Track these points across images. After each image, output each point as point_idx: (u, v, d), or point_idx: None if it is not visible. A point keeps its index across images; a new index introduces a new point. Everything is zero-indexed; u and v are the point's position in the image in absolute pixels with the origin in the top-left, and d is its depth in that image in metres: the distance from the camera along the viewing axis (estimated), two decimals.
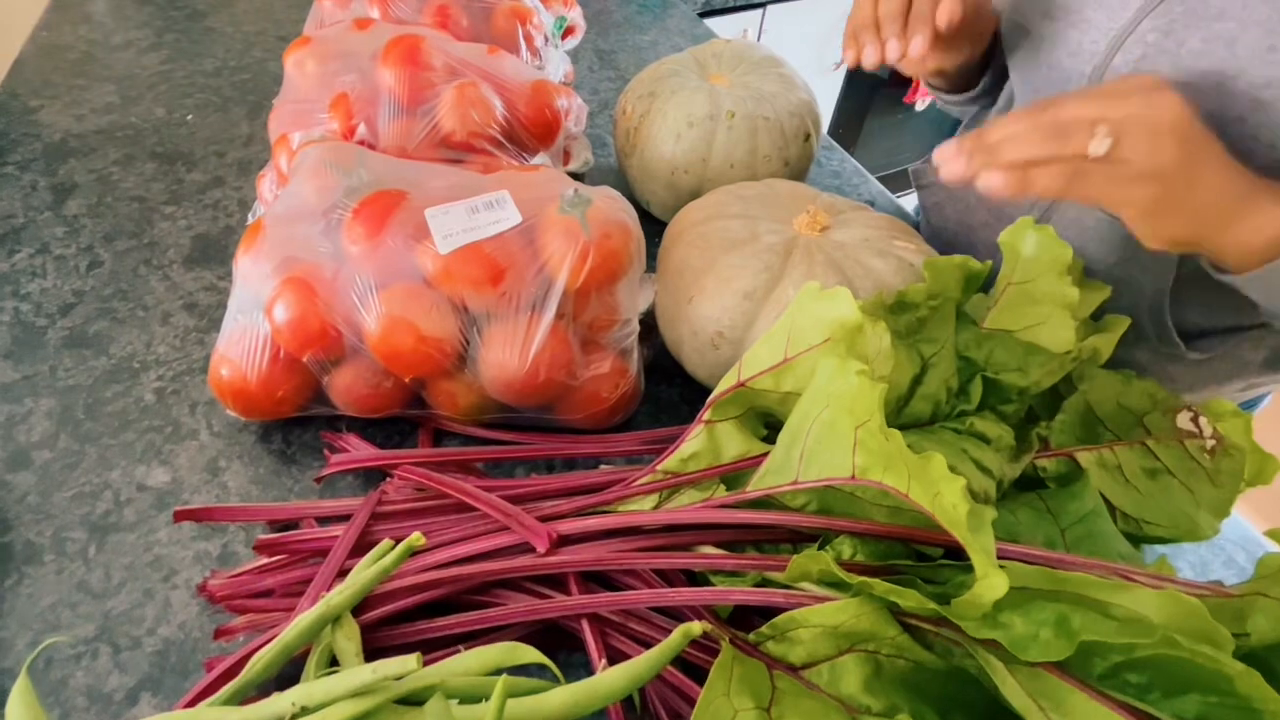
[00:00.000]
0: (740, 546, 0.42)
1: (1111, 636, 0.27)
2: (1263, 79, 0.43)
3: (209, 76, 0.90)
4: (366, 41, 0.60)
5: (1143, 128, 0.38)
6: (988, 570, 0.28)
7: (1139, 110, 0.38)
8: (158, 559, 0.46)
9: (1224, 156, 0.40)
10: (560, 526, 0.41)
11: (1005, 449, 0.43)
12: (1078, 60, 0.51)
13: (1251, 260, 0.42)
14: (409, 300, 0.47)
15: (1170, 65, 0.47)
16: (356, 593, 0.37)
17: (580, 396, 0.51)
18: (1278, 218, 0.40)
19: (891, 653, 0.33)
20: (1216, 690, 0.26)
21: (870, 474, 0.33)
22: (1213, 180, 0.40)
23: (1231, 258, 0.42)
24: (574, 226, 0.47)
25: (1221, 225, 0.41)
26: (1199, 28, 0.45)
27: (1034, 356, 0.44)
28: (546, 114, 0.62)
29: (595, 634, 0.39)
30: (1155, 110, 0.38)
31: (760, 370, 0.40)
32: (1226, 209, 0.40)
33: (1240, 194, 0.40)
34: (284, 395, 0.50)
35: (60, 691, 0.41)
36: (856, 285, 0.49)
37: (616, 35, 1.07)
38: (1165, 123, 0.38)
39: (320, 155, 0.52)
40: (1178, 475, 0.45)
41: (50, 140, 0.78)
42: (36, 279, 0.64)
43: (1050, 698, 0.28)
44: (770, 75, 0.68)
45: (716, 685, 0.31)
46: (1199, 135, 0.39)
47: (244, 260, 0.49)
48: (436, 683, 0.32)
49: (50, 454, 0.51)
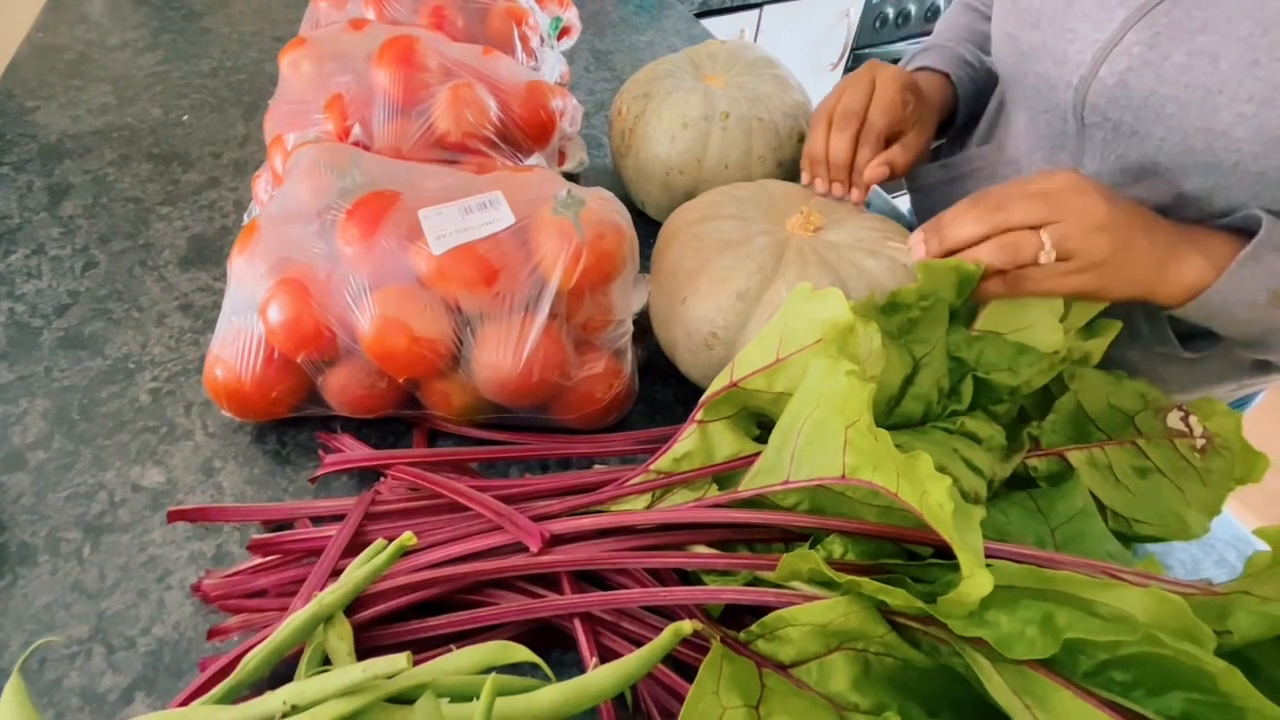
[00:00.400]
0: (732, 546, 0.42)
1: (1096, 634, 0.27)
2: (1246, 93, 0.44)
3: (205, 77, 0.90)
4: (362, 42, 0.60)
5: (1078, 225, 0.43)
6: (973, 569, 0.29)
7: (1074, 210, 0.43)
8: (152, 559, 0.46)
9: (1149, 223, 0.45)
10: (553, 526, 0.42)
11: (996, 449, 0.44)
12: (1064, 70, 0.52)
13: (1180, 298, 0.47)
14: (403, 301, 0.47)
15: (1154, 78, 0.47)
16: (349, 592, 0.37)
17: (574, 397, 0.51)
18: (1194, 266, 0.46)
19: (880, 651, 0.33)
20: (1199, 687, 0.26)
21: (860, 473, 0.34)
22: (1142, 251, 0.45)
23: (1165, 301, 0.47)
24: (567, 227, 0.48)
25: (1153, 283, 0.46)
26: (1183, 41, 0.46)
27: (1024, 356, 0.44)
28: (541, 115, 0.62)
29: (588, 633, 0.39)
30: (1088, 210, 0.43)
31: (753, 370, 0.40)
32: (1155, 270, 0.46)
33: (1165, 253, 0.46)
34: (279, 396, 0.50)
35: (54, 692, 0.41)
36: (850, 286, 0.49)
37: (613, 36, 1.07)
38: (1097, 220, 0.43)
39: (315, 156, 0.52)
40: (1168, 474, 0.45)
41: (46, 141, 0.78)
42: (32, 279, 0.64)
43: (1036, 695, 0.28)
44: (765, 76, 0.68)
45: (705, 683, 0.31)
46: (1125, 218, 0.44)
47: (239, 261, 0.49)
48: (427, 681, 0.33)
49: (45, 454, 0.51)
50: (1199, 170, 0.48)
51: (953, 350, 0.45)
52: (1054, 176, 0.45)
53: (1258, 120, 0.44)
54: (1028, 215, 0.43)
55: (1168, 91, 0.47)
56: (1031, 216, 0.43)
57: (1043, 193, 0.44)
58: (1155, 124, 0.48)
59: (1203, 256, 0.46)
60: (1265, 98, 0.43)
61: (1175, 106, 0.47)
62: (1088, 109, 0.52)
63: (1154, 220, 0.46)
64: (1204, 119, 0.46)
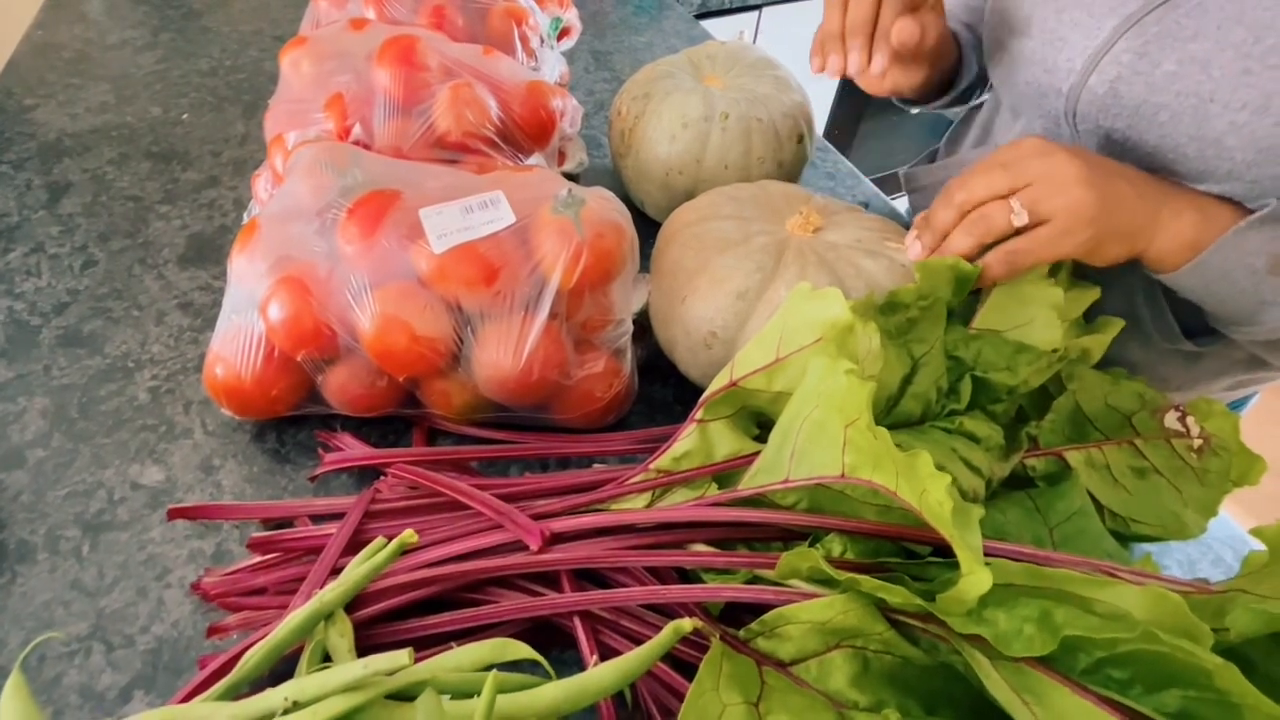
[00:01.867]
0: (731, 544, 0.42)
1: (1094, 632, 0.27)
2: (1238, 101, 0.44)
3: (204, 76, 0.90)
4: (362, 42, 0.61)
5: (1051, 186, 0.42)
6: (973, 566, 0.29)
7: (1042, 172, 0.42)
8: (151, 557, 0.46)
9: (1130, 175, 0.44)
10: (553, 525, 0.42)
11: (995, 448, 0.44)
12: (1054, 78, 0.52)
13: (1177, 253, 0.46)
14: (403, 300, 0.47)
15: (1145, 87, 0.47)
16: (349, 589, 0.37)
17: (574, 396, 0.51)
18: (1189, 220, 0.45)
19: (879, 649, 0.33)
20: (1196, 685, 0.26)
21: (859, 472, 0.34)
22: (1128, 199, 0.44)
23: (1157, 262, 0.46)
24: (568, 227, 0.48)
25: (1147, 237, 0.45)
26: (1174, 49, 0.46)
27: (1022, 355, 0.44)
28: (541, 114, 0.62)
29: (587, 631, 0.39)
30: (1056, 168, 0.42)
31: (752, 370, 0.40)
32: (1149, 217, 0.45)
33: (1156, 206, 0.45)
34: (278, 394, 0.50)
35: (53, 689, 0.41)
36: (849, 286, 0.49)
37: (612, 36, 1.07)
38: (1069, 176, 0.42)
39: (315, 155, 0.52)
40: (1165, 474, 0.45)
41: (45, 139, 0.78)
42: (31, 278, 0.64)
43: (1034, 692, 0.28)
44: (765, 77, 0.69)
45: (705, 680, 0.32)
46: (1102, 171, 0.43)
47: (239, 259, 0.49)
48: (428, 678, 0.33)
49: (44, 452, 0.51)
50: (1192, 178, 0.48)
51: (951, 349, 0.46)
52: (1018, 144, 0.44)
53: (1250, 129, 0.44)
54: (991, 186, 0.43)
55: (1159, 100, 0.47)
56: (996, 186, 0.43)
57: (1002, 162, 0.43)
58: (1148, 132, 0.48)
59: (1197, 211, 0.45)
60: (1258, 106, 0.43)
61: (1167, 115, 0.46)
62: (1079, 117, 0.52)
63: (1136, 173, 0.45)
64: (1196, 127, 0.45)
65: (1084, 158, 0.43)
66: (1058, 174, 0.42)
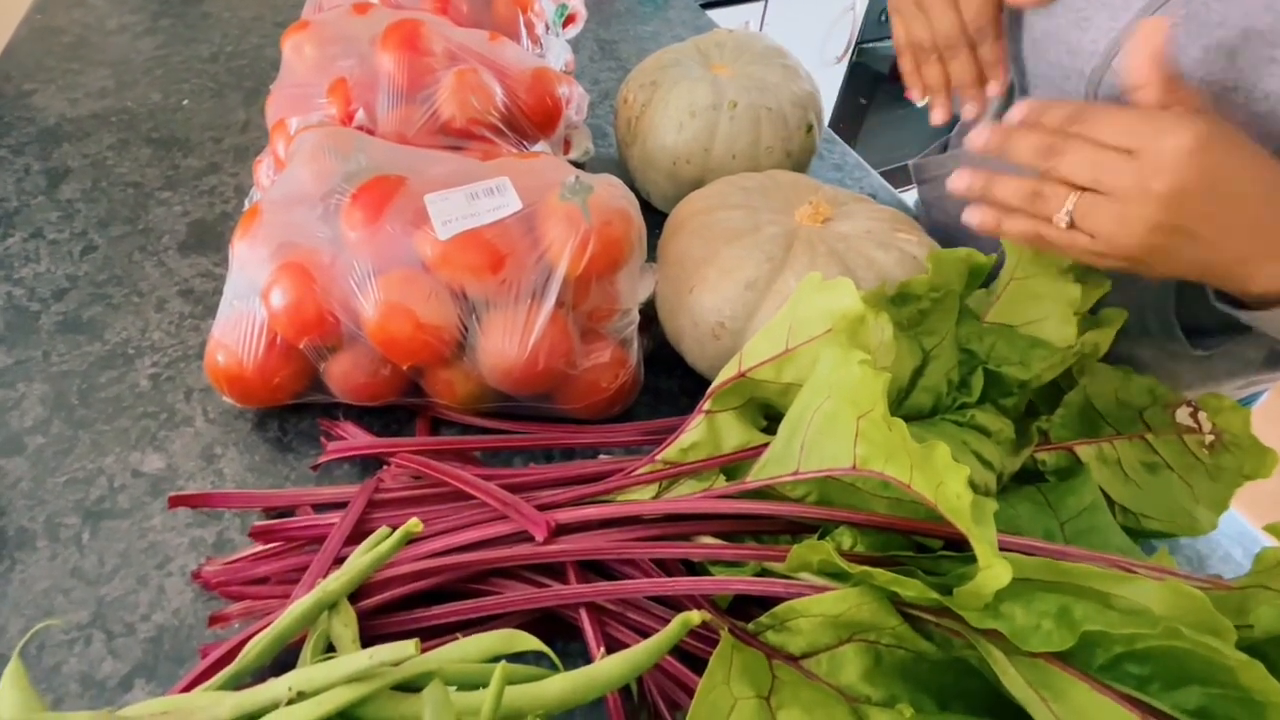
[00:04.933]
0: (739, 537, 0.42)
1: (1114, 627, 0.26)
2: (1261, 91, 0.42)
3: (205, 62, 0.89)
4: (366, 26, 0.60)
5: (1118, 214, 0.36)
6: (991, 560, 0.28)
7: (1130, 181, 0.35)
8: (152, 545, 0.46)
9: (1247, 194, 0.36)
10: (558, 516, 0.41)
11: (1005, 442, 0.43)
12: (1077, 60, 0.51)
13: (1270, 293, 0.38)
14: (407, 287, 0.47)
15: None
16: (353, 578, 0.37)
17: (579, 386, 0.51)
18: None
19: (891, 643, 0.33)
20: (1218, 682, 0.26)
21: (872, 464, 0.33)
22: (1235, 232, 0.36)
23: (1245, 288, 0.39)
24: (575, 213, 0.47)
25: (1247, 272, 0.38)
26: (1200, 35, 0.45)
27: (1035, 350, 0.44)
28: (547, 101, 0.62)
29: (594, 623, 0.39)
30: (1146, 181, 0.35)
31: (761, 360, 0.40)
32: (1257, 253, 0.37)
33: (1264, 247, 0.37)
34: (280, 382, 0.49)
35: (53, 677, 0.40)
36: (859, 277, 0.49)
37: (618, 25, 1.06)
38: (1149, 195, 0.35)
39: (318, 140, 0.51)
40: (1176, 470, 0.45)
41: (44, 124, 0.77)
42: (30, 263, 0.63)
43: (1051, 688, 0.28)
44: (774, 65, 0.68)
45: (716, 674, 0.31)
46: (1214, 193, 0.35)
47: (240, 245, 0.49)
48: (434, 669, 0.32)
49: (43, 439, 0.51)
50: None
51: (964, 342, 0.45)
52: (1165, 133, 0.35)
53: (1271, 118, 0.42)
54: (1074, 171, 0.37)
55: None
56: (1078, 173, 0.37)
57: (1116, 150, 0.36)
58: None
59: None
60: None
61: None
62: (1100, 101, 0.51)
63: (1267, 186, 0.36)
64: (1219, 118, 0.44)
65: (1185, 201, 0.35)
66: (1134, 189, 0.35)
